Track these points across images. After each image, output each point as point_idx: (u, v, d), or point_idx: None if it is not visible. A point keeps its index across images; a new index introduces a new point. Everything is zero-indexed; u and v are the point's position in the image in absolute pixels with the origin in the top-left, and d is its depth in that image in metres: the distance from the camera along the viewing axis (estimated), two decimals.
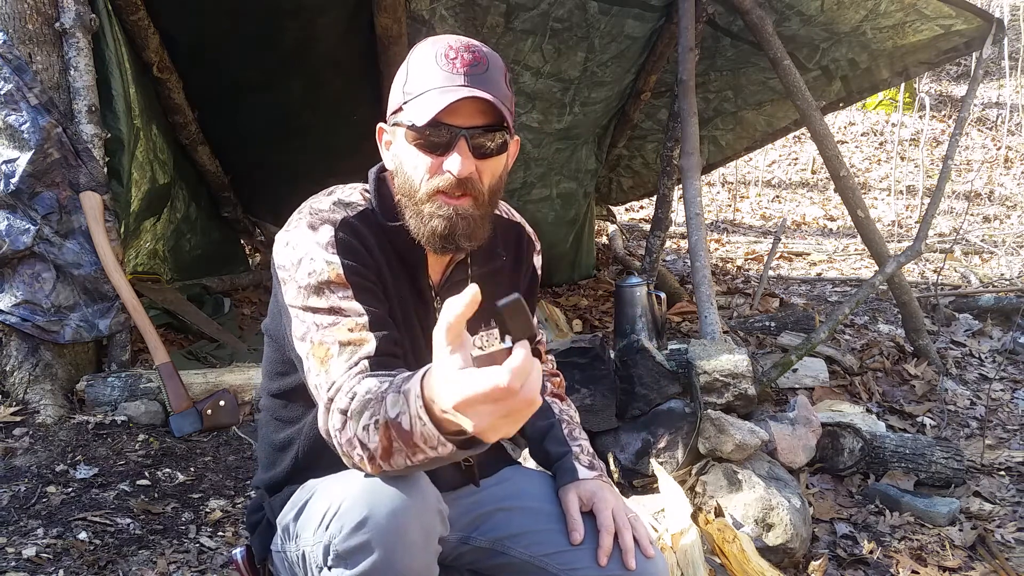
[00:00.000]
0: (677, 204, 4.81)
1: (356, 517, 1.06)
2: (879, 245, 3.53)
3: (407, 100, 1.20)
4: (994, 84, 10.45)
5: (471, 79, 1.17)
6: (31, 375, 2.62)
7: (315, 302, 1.17)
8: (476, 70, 1.18)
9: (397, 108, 1.22)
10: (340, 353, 1.12)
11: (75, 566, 1.87)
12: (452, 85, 1.16)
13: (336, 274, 1.17)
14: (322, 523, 1.11)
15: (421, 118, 1.16)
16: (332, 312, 1.16)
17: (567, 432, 1.46)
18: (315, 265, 1.17)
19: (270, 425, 1.38)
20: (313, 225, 1.21)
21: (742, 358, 2.53)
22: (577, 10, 3.46)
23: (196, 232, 4.19)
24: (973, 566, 2.22)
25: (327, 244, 1.19)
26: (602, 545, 1.27)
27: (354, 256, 1.19)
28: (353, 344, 1.13)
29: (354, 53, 3.50)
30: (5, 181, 2.57)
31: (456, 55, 1.18)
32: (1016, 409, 3.38)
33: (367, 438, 1.01)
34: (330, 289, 1.17)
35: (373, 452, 1.01)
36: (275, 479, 1.36)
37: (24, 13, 2.59)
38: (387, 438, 0.98)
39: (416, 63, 1.21)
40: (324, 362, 1.13)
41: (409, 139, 1.20)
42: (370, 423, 1.01)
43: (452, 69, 1.17)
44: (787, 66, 3.32)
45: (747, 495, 2.18)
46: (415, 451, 0.97)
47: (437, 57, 1.18)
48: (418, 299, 1.31)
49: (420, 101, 1.17)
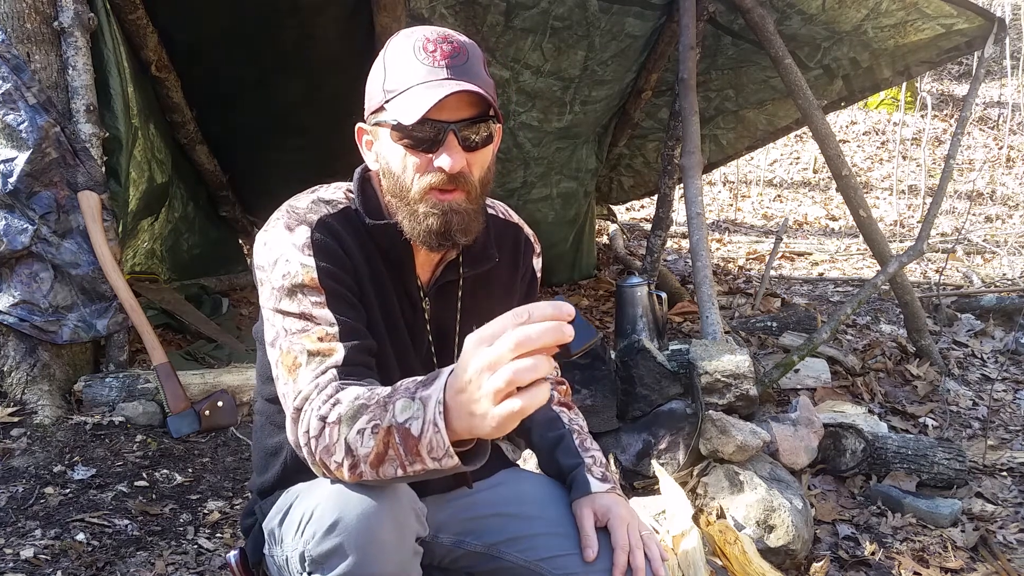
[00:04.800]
0: (678, 203, 4.79)
1: (327, 521, 1.05)
2: (881, 245, 3.52)
3: (389, 98, 1.16)
4: (996, 83, 10.44)
5: (453, 71, 1.14)
6: (29, 375, 2.61)
7: (287, 305, 1.15)
8: (457, 61, 1.15)
9: (378, 107, 1.19)
10: (308, 363, 1.11)
11: (73, 567, 1.86)
12: (436, 79, 1.13)
13: (311, 278, 1.15)
14: (299, 529, 1.10)
15: (408, 116, 1.12)
16: (303, 318, 1.14)
17: (578, 443, 1.43)
18: (290, 267, 1.15)
19: (264, 430, 1.37)
20: (290, 226, 1.18)
21: (744, 358, 2.51)
22: (577, 8, 3.45)
23: (194, 232, 4.18)
24: (975, 567, 2.20)
25: (303, 246, 1.16)
26: (617, 564, 1.25)
27: (330, 258, 1.17)
28: (322, 354, 1.11)
29: (353, 52, 3.48)
30: (3, 180, 2.56)
31: (435, 47, 1.15)
32: (1018, 410, 3.37)
33: (359, 443, 0.99)
34: (303, 293, 1.15)
35: (360, 459, 0.99)
36: (266, 484, 1.35)
37: (22, 12, 2.58)
38: (385, 444, 0.96)
39: (393, 58, 1.17)
40: (292, 371, 1.12)
41: (395, 138, 1.17)
42: (367, 427, 0.98)
43: (433, 62, 1.14)
44: (788, 65, 3.31)
45: (749, 496, 2.17)
46: (414, 460, 0.95)
47: (416, 50, 1.15)
48: (405, 299, 1.29)
49: (405, 98, 1.13)
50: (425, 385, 0.96)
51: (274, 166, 4.18)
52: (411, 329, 1.29)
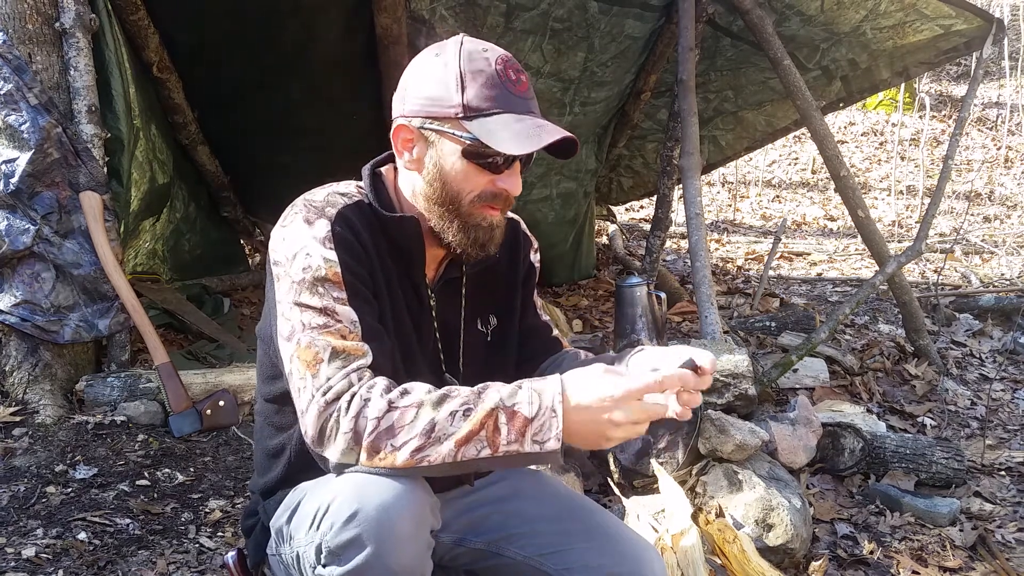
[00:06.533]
0: (677, 204, 4.81)
1: (346, 512, 1.06)
2: (879, 245, 3.53)
3: (472, 116, 1.16)
4: (994, 84, 10.46)
5: (532, 104, 1.19)
6: (30, 375, 2.62)
7: (307, 299, 1.14)
8: (531, 93, 1.20)
9: (450, 116, 1.17)
10: (332, 359, 1.11)
11: (74, 566, 1.87)
12: (526, 113, 1.17)
13: (333, 272, 1.15)
14: (313, 522, 1.11)
15: (503, 146, 1.14)
16: (324, 312, 1.14)
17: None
18: (311, 260, 1.15)
19: (264, 431, 1.37)
20: (309, 219, 1.18)
21: (742, 358, 2.52)
22: (577, 10, 3.46)
23: (195, 232, 4.19)
24: (974, 566, 2.21)
25: (324, 239, 1.16)
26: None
27: (351, 253, 1.17)
28: (348, 352, 1.12)
29: (354, 53, 3.49)
30: (5, 181, 2.56)
31: (515, 75, 1.18)
32: (1016, 409, 3.38)
33: (448, 423, 1.05)
34: (324, 287, 1.15)
35: (442, 438, 1.04)
36: (269, 484, 1.35)
37: (24, 13, 2.59)
38: (482, 424, 1.04)
39: (472, 72, 1.16)
40: (311, 366, 1.11)
41: (467, 155, 1.18)
42: (459, 409, 1.05)
43: (516, 91, 1.18)
44: (787, 66, 3.31)
45: (747, 495, 2.18)
46: (513, 440, 1.04)
47: (498, 72, 1.17)
48: (412, 294, 1.29)
49: (495, 125, 1.15)
50: (532, 382, 1.09)
51: (275, 167, 4.18)
52: (417, 325, 1.30)
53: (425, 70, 1.20)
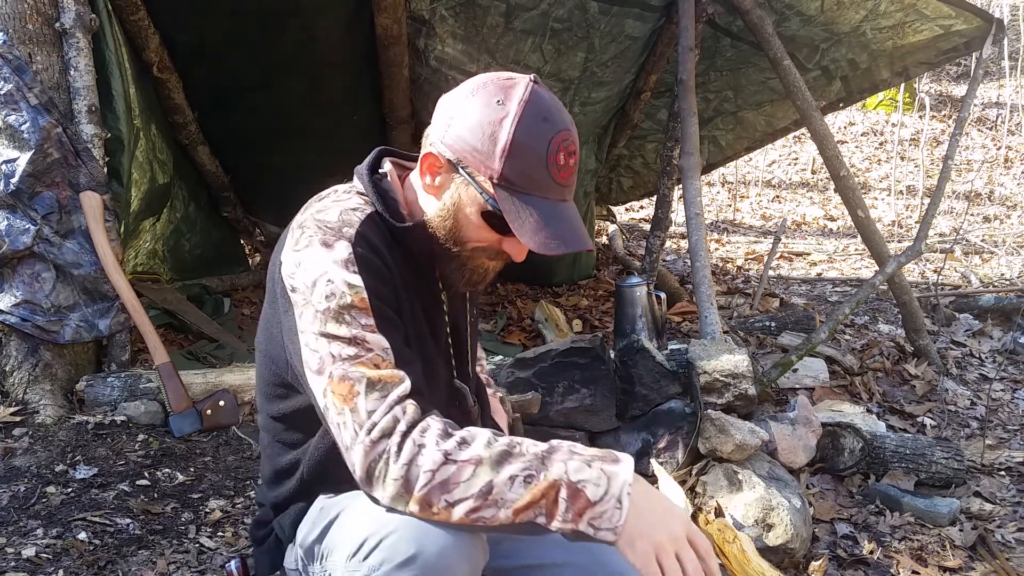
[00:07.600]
0: (677, 204, 4.82)
1: (404, 553, 1.02)
2: (879, 245, 3.53)
3: (504, 185, 1.12)
4: (994, 84, 10.46)
5: (569, 192, 1.17)
6: (31, 375, 2.62)
7: (334, 328, 1.09)
8: (573, 180, 1.17)
9: (483, 167, 1.12)
10: (369, 392, 1.06)
11: (75, 566, 1.86)
12: (559, 201, 1.14)
13: (360, 298, 1.10)
14: (360, 551, 1.07)
15: (523, 236, 1.11)
16: (353, 343, 1.08)
17: None
18: (334, 288, 1.09)
19: (273, 447, 1.32)
20: (327, 242, 1.12)
21: (742, 358, 2.53)
22: (577, 10, 3.46)
23: (196, 232, 4.19)
24: (973, 566, 2.21)
25: (346, 261, 1.11)
26: None
27: (375, 274, 1.13)
28: (383, 381, 1.07)
29: (354, 53, 3.50)
30: (5, 181, 2.57)
31: (565, 160, 1.13)
32: (1016, 409, 3.38)
33: (506, 488, 1.00)
34: (351, 314, 1.09)
35: (499, 503, 1.00)
36: (280, 498, 1.31)
37: (24, 13, 2.59)
38: (543, 494, 1.00)
39: (523, 144, 1.11)
40: (348, 399, 1.06)
41: (484, 215, 1.16)
42: (519, 475, 1.01)
43: (558, 178, 1.13)
44: (787, 66, 3.32)
45: (747, 495, 2.18)
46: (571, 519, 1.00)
47: (549, 154, 1.11)
48: (429, 296, 1.29)
49: (522, 207, 1.12)
50: (604, 460, 1.04)
51: (275, 167, 4.19)
52: (432, 324, 1.29)
53: (479, 114, 1.12)
